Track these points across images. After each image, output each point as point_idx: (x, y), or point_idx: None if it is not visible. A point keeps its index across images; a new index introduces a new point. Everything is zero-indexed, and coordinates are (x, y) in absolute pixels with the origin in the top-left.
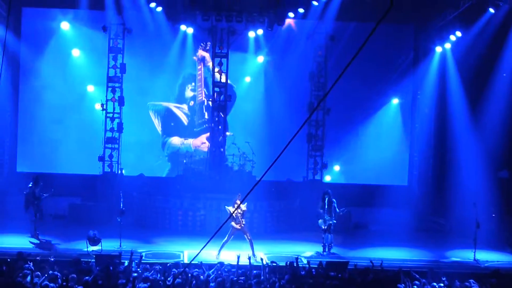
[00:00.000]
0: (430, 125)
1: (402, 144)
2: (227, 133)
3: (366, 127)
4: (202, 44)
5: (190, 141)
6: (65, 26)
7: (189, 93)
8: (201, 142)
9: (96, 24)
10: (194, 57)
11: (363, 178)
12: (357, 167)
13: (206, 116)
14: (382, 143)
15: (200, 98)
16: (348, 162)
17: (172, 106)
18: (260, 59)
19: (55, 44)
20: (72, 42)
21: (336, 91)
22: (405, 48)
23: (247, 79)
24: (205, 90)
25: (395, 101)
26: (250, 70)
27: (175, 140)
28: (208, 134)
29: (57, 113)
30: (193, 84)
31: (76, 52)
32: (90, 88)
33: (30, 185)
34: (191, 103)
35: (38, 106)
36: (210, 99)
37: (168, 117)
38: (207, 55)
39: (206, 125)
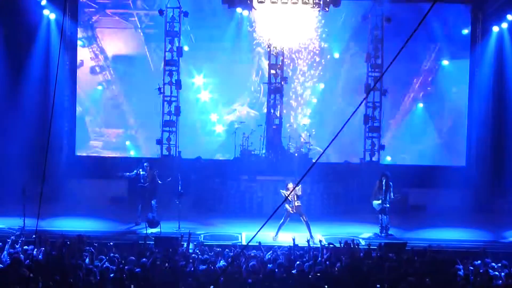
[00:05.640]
0: (487, 105)
1: (460, 125)
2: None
3: (423, 108)
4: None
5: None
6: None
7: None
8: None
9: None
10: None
11: (420, 159)
12: (415, 148)
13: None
14: (439, 124)
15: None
16: (405, 143)
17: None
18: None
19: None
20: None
21: (392, 72)
22: (463, 28)
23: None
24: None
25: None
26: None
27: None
28: None
29: (116, 97)
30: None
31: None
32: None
33: (143, 172)
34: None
35: (96, 90)
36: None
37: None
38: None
39: None
